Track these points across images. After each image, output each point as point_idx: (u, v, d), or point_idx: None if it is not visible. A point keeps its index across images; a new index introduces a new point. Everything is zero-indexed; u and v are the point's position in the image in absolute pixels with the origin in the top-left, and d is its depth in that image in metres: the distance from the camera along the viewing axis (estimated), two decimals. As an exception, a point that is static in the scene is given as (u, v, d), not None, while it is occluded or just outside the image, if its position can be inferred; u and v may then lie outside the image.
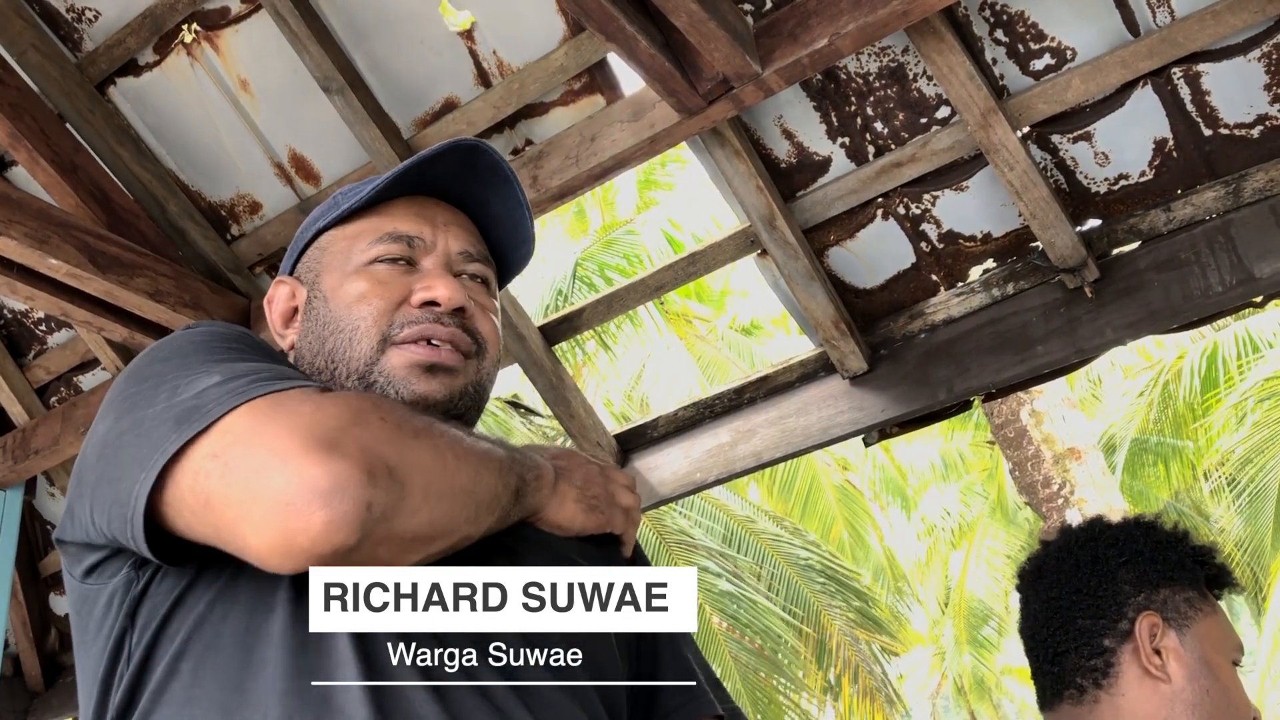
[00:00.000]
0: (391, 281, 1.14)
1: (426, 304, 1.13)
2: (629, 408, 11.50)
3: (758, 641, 10.08)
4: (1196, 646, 1.54)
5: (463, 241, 1.20)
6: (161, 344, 1.08)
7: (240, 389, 0.94)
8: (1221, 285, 2.59)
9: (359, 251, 1.17)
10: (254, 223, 3.18)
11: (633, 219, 12.44)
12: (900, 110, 2.70)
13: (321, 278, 1.18)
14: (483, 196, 1.24)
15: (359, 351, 1.11)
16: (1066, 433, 8.46)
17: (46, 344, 3.60)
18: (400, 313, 1.13)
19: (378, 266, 1.15)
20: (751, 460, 3.08)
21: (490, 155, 1.21)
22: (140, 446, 0.94)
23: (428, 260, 1.17)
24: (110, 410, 1.02)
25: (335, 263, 1.18)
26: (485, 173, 1.22)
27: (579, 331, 3.32)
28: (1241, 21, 2.38)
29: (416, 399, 1.10)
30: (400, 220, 1.18)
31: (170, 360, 1.02)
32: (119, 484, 0.94)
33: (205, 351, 1.02)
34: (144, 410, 0.97)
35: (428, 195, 1.22)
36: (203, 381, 0.96)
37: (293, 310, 1.22)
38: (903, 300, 3.00)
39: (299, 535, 0.85)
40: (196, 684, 0.92)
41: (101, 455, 0.98)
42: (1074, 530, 1.69)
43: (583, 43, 2.67)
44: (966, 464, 16.89)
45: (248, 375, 0.96)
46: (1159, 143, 2.64)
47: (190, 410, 0.93)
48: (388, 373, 1.10)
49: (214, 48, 2.92)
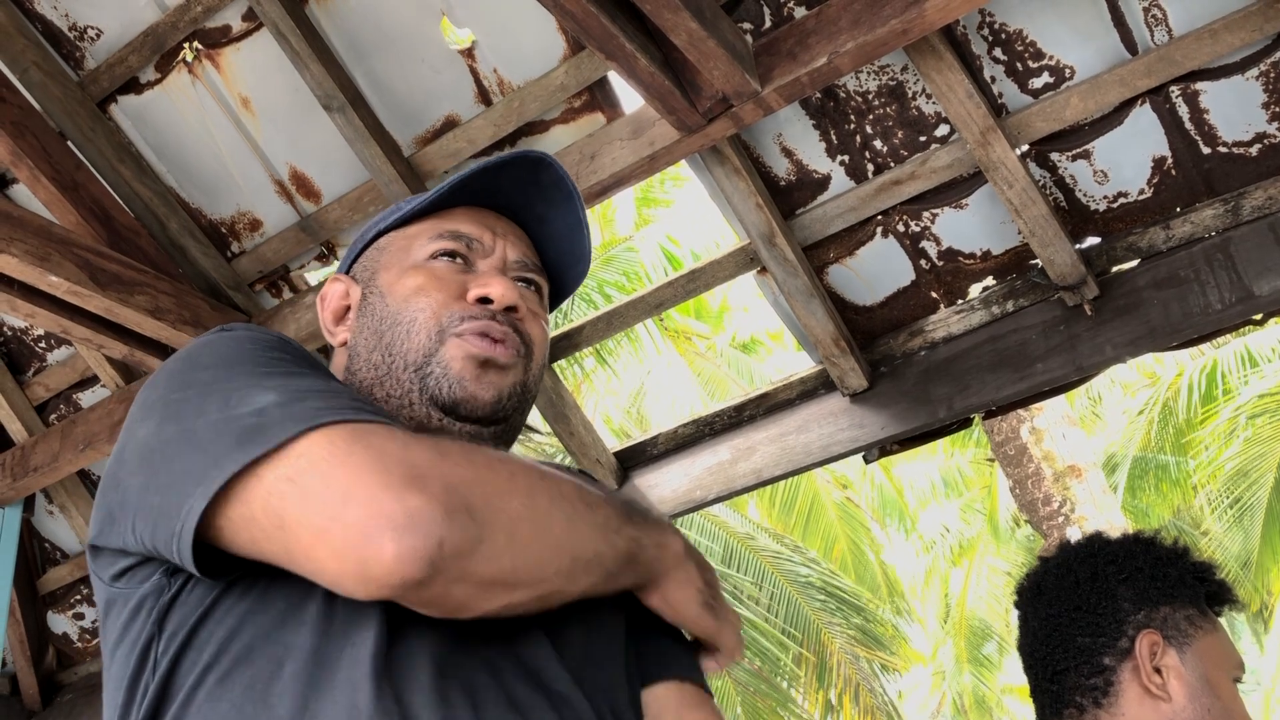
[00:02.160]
0: (448, 278, 1.16)
1: (480, 300, 1.14)
2: (629, 425, 11.49)
3: (756, 663, 10.04)
4: (1197, 665, 1.53)
5: (519, 251, 1.23)
6: (200, 347, 1.05)
7: (308, 413, 0.92)
8: (1221, 303, 2.60)
9: (418, 248, 1.19)
10: (254, 240, 3.18)
11: (632, 236, 12.46)
12: (899, 128, 2.71)
13: (378, 275, 1.20)
14: (542, 212, 1.26)
15: (416, 343, 1.13)
16: (1067, 450, 8.45)
17: (46, 361, 3.60)
18: (457, 307, 1.14)
19: (435, 263, 1.17)
20: (752, 478, 3.08)
21: (555, 169, 1.23)
22: (195, 459, 0.92)
23: (483, 263, 1.19)
24: (151, 414, 0.99)
25: (393, 260, 1.20)
26: (548, 188, 1.24)
27: (578, 348, 3.32)
28: (1239, 40, 2.39)
29: (469, 397, 1.11)
30: (460, 222, 1.21)
31: (216, 368, 1.00)
32: (168, 494, 0.92)
33: (252, 362, 1.00)
34: (193, 420, 0.94)
35: (489, 207, 1.25)
36: (260, 397, 0.94)
37: (344, 309, 1.23)
38: (902, 318, 3.00)
39: (373, 565, 0.85)
40: (223, 696, 0.91)
41: (146, 461, 0.96)
42: (1073, 547, 1.69)
43: (583, 61, 2.68)
44: (966, 481, 16.87)
45: (309, 396, 0.95)
46: (1158, 161, 2.65)
47: (253, 429, 0.91)
48: (445, 363, 1.11)
49: (215, 66, 2.93)
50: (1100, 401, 15.09)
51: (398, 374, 1.13)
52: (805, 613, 10.42)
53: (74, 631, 4.16)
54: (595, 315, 3.21)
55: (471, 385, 1.11)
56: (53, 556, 4.06)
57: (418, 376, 1.11)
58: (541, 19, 2.66)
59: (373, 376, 1.15)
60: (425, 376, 1.11)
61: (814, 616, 10.42)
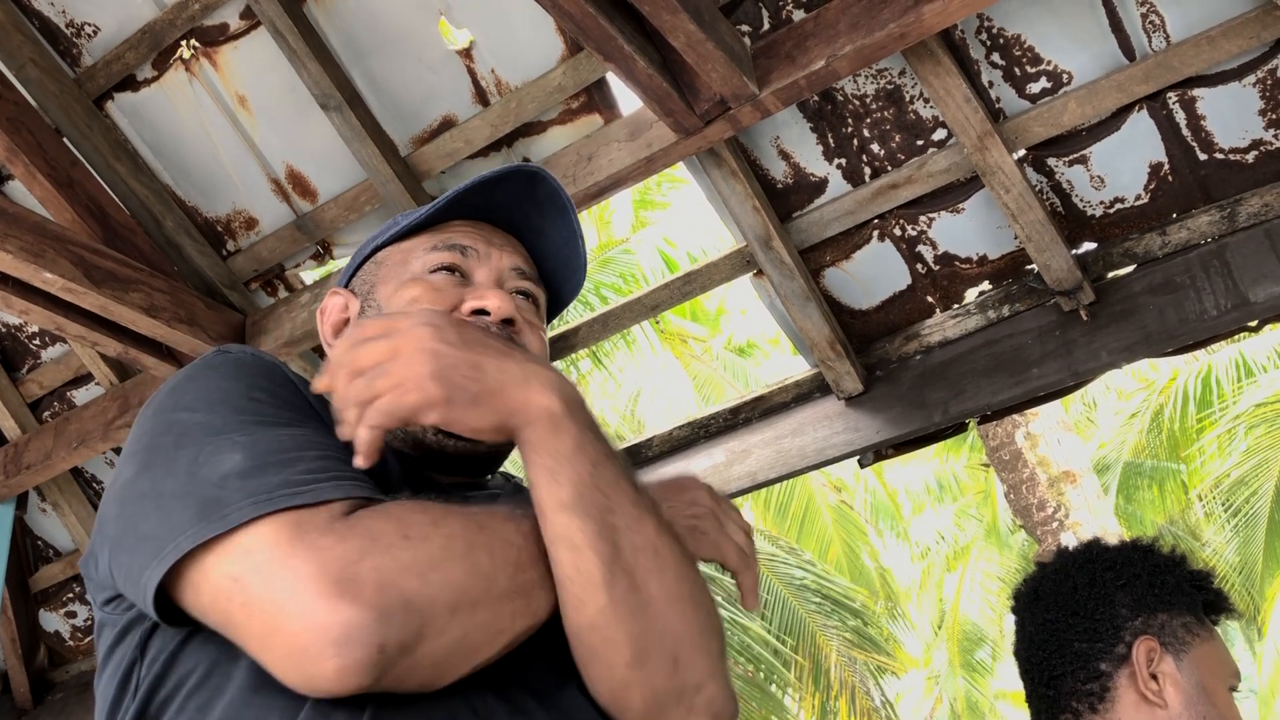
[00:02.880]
0: (445, 289, 1.17)
1: (476, 312, 1.15)
2: (624, 427, 11.49)
3: (749, 667, 10.03)
4: (1194, 672, 1.53)
5: (515, 259, 1.24)
6: (188, 382, 1.05)
7: (265, 490, 0.91)
8: (1216, 309, 2.60)
9: (415, 261, 1.20)
10: (250, 239, 3.17)
11: (629, 238, 12.46)
12: (897, 132, 2.71)
13: (376, 289, 1.21)
14: (538, 225, 1.27)
15: None
16: (1061, 456, 8.47)
17: (40, 358, 3.59)
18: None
19: (433, 276, 1.18)
20: (747, 480, 3.07)
21: (550, 184, 1.24)
22: (157, 524, 0.93)
23: (480, 273, 1.20)
24: (134, 456, 1.01)
25: (391, 274, 1.21)
26: (543, 201, 1.25)
27: (574, 350, 3.31)
28: (1236, 47, 2.39)
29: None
30: (456, 234, 1.22)
31: (196, 410, 1.00)
32: (134, 556, 0.94)
33: (232, 407, 1.00)
34: (163, 478, 0.96)
35: (485, 220, 1.25)
36: (226, 459, 0.94)
37: (344, 322, 1.24)
38: (898, 321, 3.00)
39: (317, 678, 0.85)
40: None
41: (121, 514, 0.98)
42: (1071, 553, 1.69)
43: (581, 62, 2.67)
44: (961, 486, 16.88)
45: (272, 465, 0.94)
46: (1154, 166, 2.65)
47: (211, 503, 0.91)
48: None
49: (212, 64, 2.92)
50: (1095, 407, 15.11)
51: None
52: (800, 615, 10.42)
53: (66, 630, 4.15)
54: (591, 317, 3.21)
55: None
56: (45, 554, 4.05)
57: None
58: (540, 20, 2.65)
59: None
60: None
61: (809, 619, 10.42)
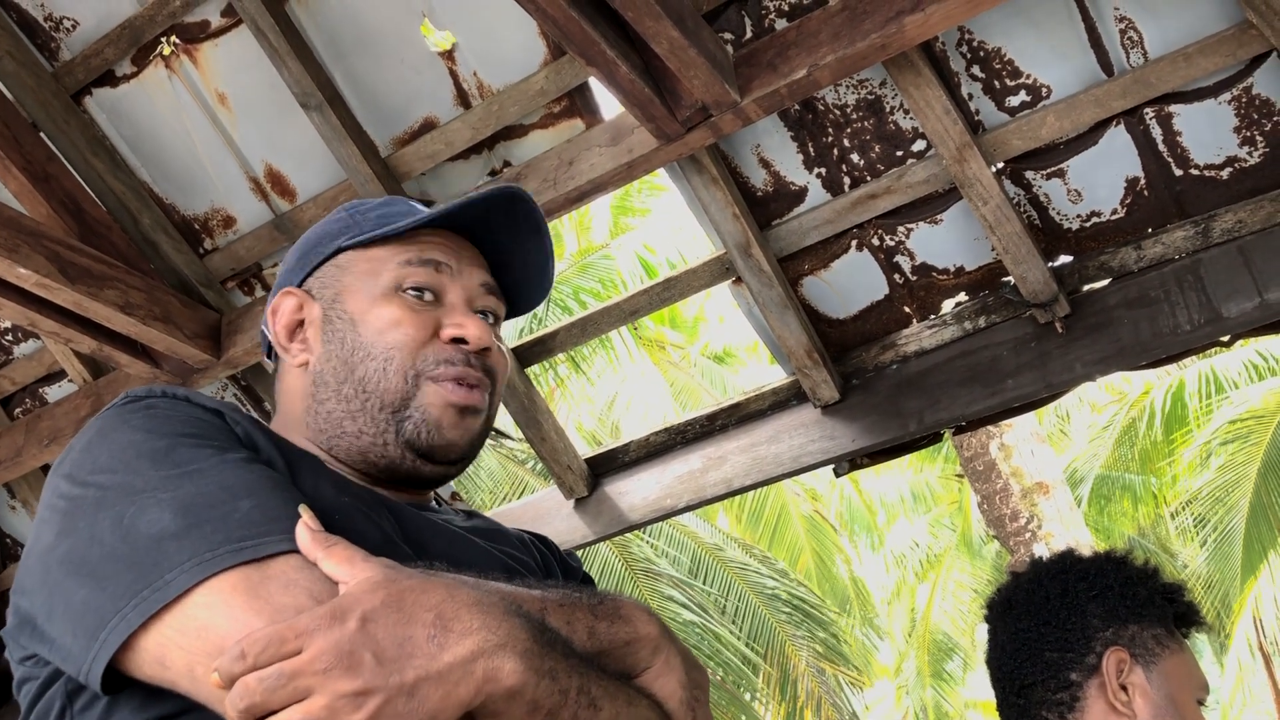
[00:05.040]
0: (423, 313, 1.16)
1: (455, 340, 1.15)
2: (601, 432, 11.48)
3: (719, 674, 10.03)
4: (1163, 684, 1.55)
5: (483, 275, 1.23)
6: (99, 437, 0.99)
7: (203, 547, 0.87)
8: (1190, 324, 2.62)
9: (387, 274, 1.17)
10: (228, 237, 3.15)
11: (608, 244, 12.46)
12: (876, 142, 2.72)
13: (344, 298, 1.18)
14: (506, 241, 1.26)
15: (393, 384, 1.13)
16: (1035, 467, 8.51)
17: (12, 354, 3.55)
18: (432, 348, 1.14)
19: (408, 295, 1.16)
20: (722, 487, 3.08)
21: (529, 204, 1.24)
22: (90, 596, 0.88)
23: (453, 293, 1.19)
24: (50, 521, 0.95)
25: (360, 285, 1.18)
26: (519, 219, 1.25)
27: (552, 354, 3.31)
28: (1213, 65, 2.42)
29: (447, 445, 1.13)
30: (426, 248, 1.20)
31: (115, 471, 0.94)
32: (69, 633, 0.89)
33: (150, 461, 0.94)
34: (87, 544, 0.90)
35: (451, 229, 1.24)
36: (154, 519, 0.89)
37: (298, 324, 1.20)
38: (875, 331, 3.01)
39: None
40: None
41: (45, 583, 0.92)
42: (1045, 563, 1.70)
43: (563, 66, 2.68)
44: (935, 496, 16.95)
45: (206, 519, 0.89)
46: (1131, 181, 2.67)
47: (149, 569, 0.86)
48: (424, 409, 1.12)
49: (192, 61, 2.91)
50: (1069, 419, 15.22)
51: (372, 412, 1.13)
52: (770, 625, 10.42)
53: (33, 629, 4.10)
54: (570, 321, 3.21)
55: (449, 432, 1.13)
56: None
57: (394, 419, 1.12)
58: (523, 23, 2.65)
59: (344, 410, 1.14)
60: (403, 420, 1.12)
61: (779, 629, 10.43)
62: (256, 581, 0.86)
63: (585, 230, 14.26)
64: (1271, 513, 10.41)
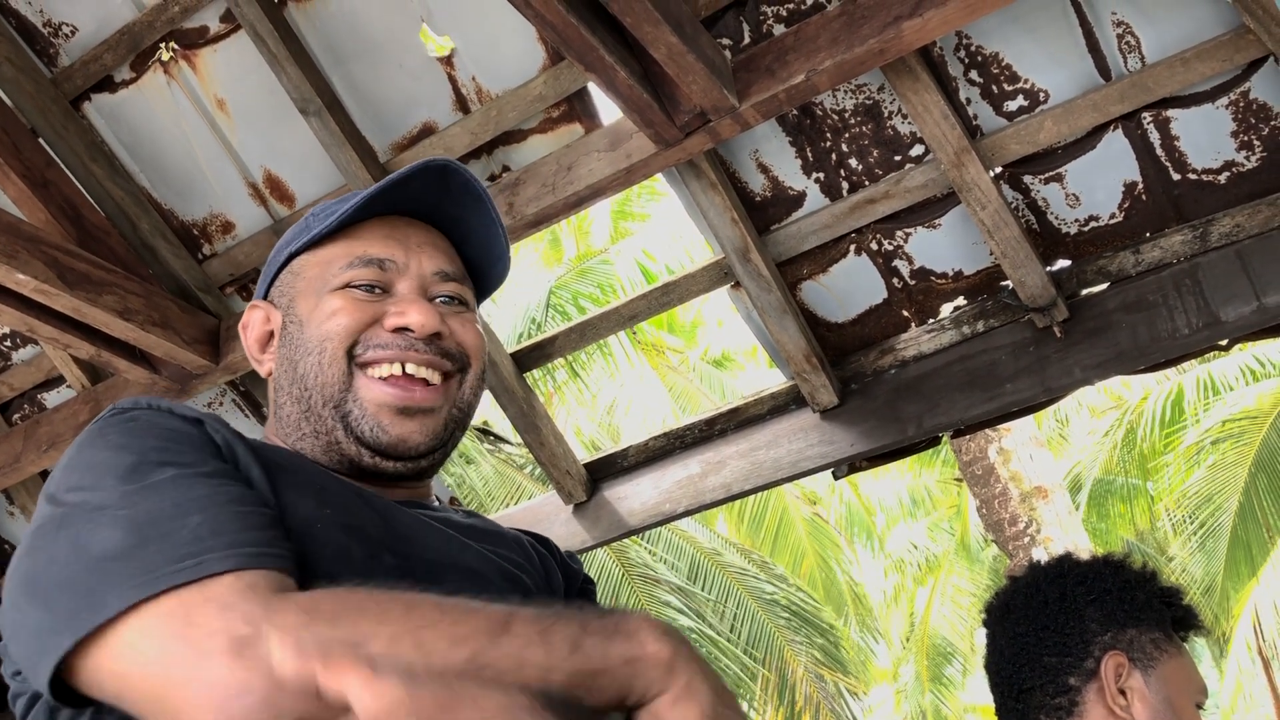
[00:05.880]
0: (365, 302, 1.13)
1: (399, 329, 1.11)
2: (599, 437, 11.48)
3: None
4: (1161, 688, 1.55)
5: (437, 261, 1.18)
6: (78, 452, 1.00)
7: (144, 571, 0.85)
8: (1188, 328, 2.62)
9: (333, 275, 1.15)
10: (226, 243, 3.16)
11: (607, 249, 12.47)
12: (875, 147, 2.72)
13: (296, 303, 1.17)
14: (456, 214, 1.22)
15: (330, 376, 1.10)
16: (1033, 471, 8.51)
17: (11, 360, 3.55)
18: (370, 333, 1.11)
19: (352, 290, 1.14)
20: (721, 492, 3.08)
21: (462, 174, 1.20)
22: (40, 618, 0.89)
23: (402, 284, 1.15)
24: (25, 539, 0.96)
25: (309, 287, 1.16)
26: (457, 191, 1.21)
27: (551, 359, 3.31)
28: (1210, 69, 2.42)
29: (397, 442, 1.09)
30: (372, 243, 1.16)
31: (81, 488, 0.95)
32: (27, 650, 0.90)
33: (116, 476, 0.94)
34: (46, 564, 0.91)
35: (401, 215, 1.20)
36: (105, 538, 0.89)
37: (268, 335, 1.20)
38: (874, 335, 3.01)
39: None
40: None
41: (10, 604, 0.94)
42: (1042, 567, 1.70)
43: (562, 72, 2.68)
44: (934, 500, 16.95)
45: (153, 536, 0.88)
46: (1129, 186, 2.68)
47: (88, 592, 0.86)
48: (362, 405, 1.09)
49: (191, 66, 2.91)
50: (1067, 423, 15.22)
51: (318, 410, 1.11)
52: (769, 630, 10.42)
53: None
54: (569, 326, 3.21)
55: (395, 429, 1.09)
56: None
57: (338, 414, 1.10)
58: (521, 29, 2.65)
59: (298, 411, 1.13)
60: (345, 415, 1.10)
61: (778, 634, 10.42)
62: (191, 605, 0.84)
63: (584, 235, 14.28)
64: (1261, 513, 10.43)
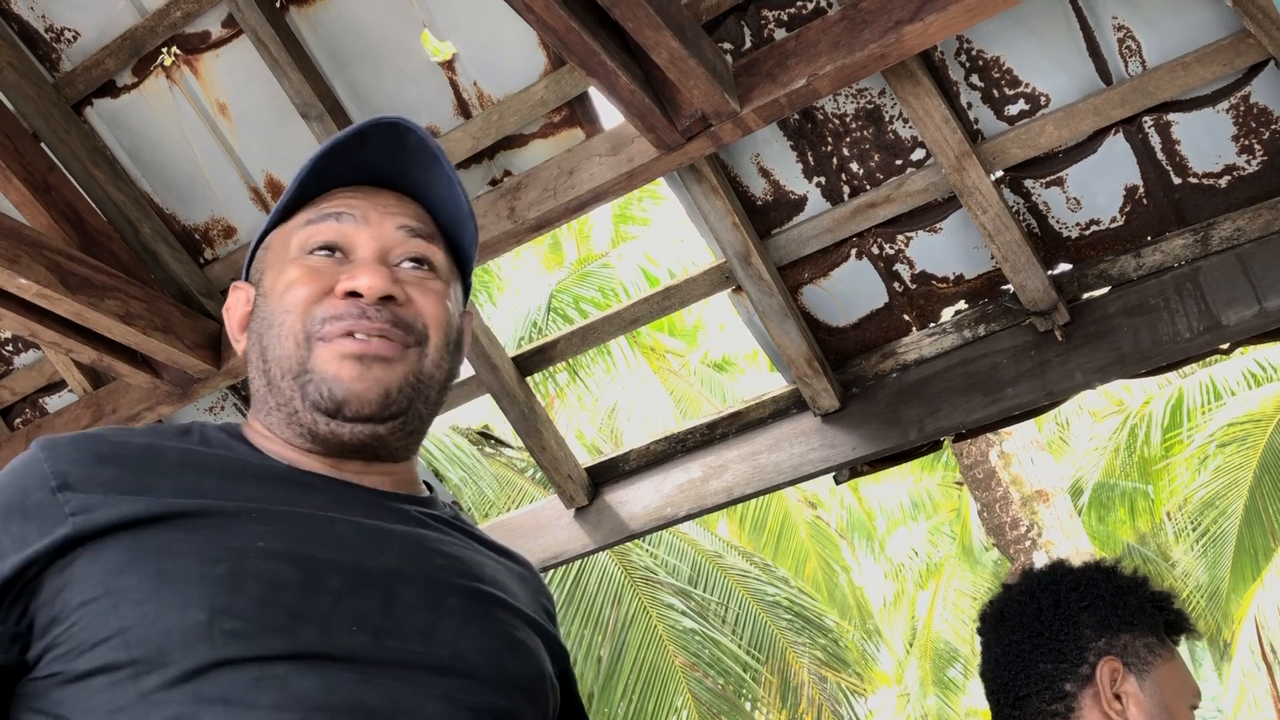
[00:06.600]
0: (322, 269, 1.11)
1: (350, 295, 1.09)
2: (601, 440, 11.48)
3: (719, 682, 10.01)
4: (1156, 692, 1.55)
5: (400, 218, 1.16)
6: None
7: None
8: (1189, 331, 2.63)
9: (295, 241, 1.14)
10: (228, 247, 3.16)
11: (608, 253, 12.47)
12: (876, 151, 2.73)
13: (265, 276, 1.16)
14: (420, 178, 1.20)
15: (287, 349, 1.09)
16: (1035, 475, 8.51)
17: (13, 365, 3.56)
18: (323, 305, 1.09)
19: (310, 257, 1.12)
20: (723, 496, 3.08)
21: (416, 132, 1.18)
22: None
23: (363, 246, 1.13)
24: None
25: (276, 259, 1.15)
26: (416, 151, 1.19)
27: (552, 363, 3.31)
28: (1211, 74, 2.43)
29: (349, 396, 1.07)
30: (334, 203, 1.15)
31: None
32: None
33: None
34: None
35: (368, 184, 1.19)
36: None
37: (249, 315, 1.18)
38: (875, 339, 3.01)
39: None
40: None
41: None
42: (1036, 574, 1.70)
43: (563, 76, 2.68)
44: (935, 504, 16.94)
45: None
46: (1130, 189, 2.68)
47: None
48: (319, 372, 1.07)
49: (193, 71, 2.91)
50: (1068, 427, 15.22)
51: (277, 382, 1.10)
52: (771, 632, 10.41)
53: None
54: (570, 330, 3.21)
55: (351, 383, 1.06)
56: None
57: (297, 385, 1.08)
58: (523, 34, 2.66)
59: (264, 385, 1.12)
60: (304, 385, 1.08)
61: (780, 636, 10.41)
62: None
63: (585, 239, 14.29)
64: (1266, 516, 10.42)
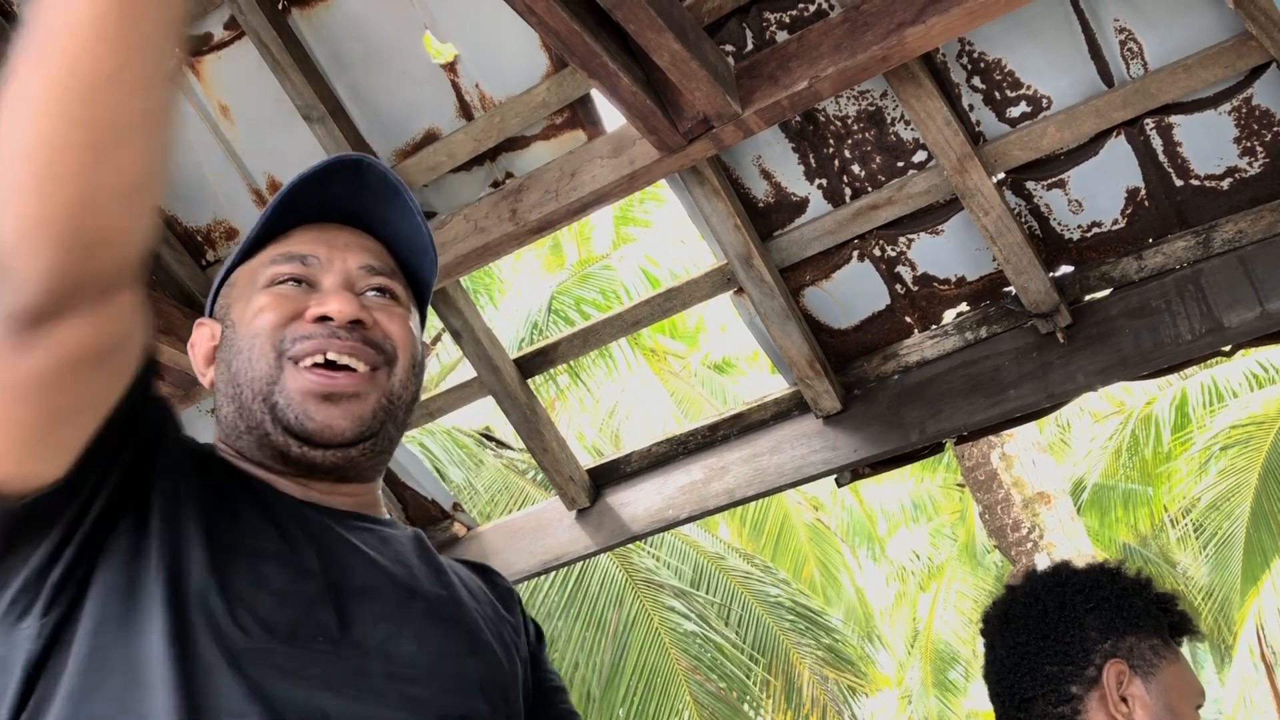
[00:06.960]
0: (291, 296, 1.16)
1: (320, 319, 1.13)
2: (602, 442, 11.48)
3: (721, 686, 10.00)
4: (1162, 694, 1.55)
5: (361, 257, 1.21)
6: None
7: None
8: (1191, 333, 2.63)
9: (261, 275, 1.18)
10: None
11: (609, 254, 12.47)
12: (878, 153, 2.73)
13: (231, 310, 1.20)
14: (382, 214, 1.24)
15: (259, 370, 1.12)
16: (1036, 477, 8.51)
17: (15, 365, 3.56)
18: (294, 327, 1.13)
19: (277, 288, 1.16)
20: (724, 497, 3.08)
21: (377, 168, 1.22)
22: None
23: (327, 279, 1.18)
24: None
25: (242, 294, 1.19)
26: (377, 187, 1.22)
27: (553, 365, 3.31)
28: (1212, 76, 2.43)
29: (322, 428, 1.11)
30: (297, 243, 1.19)
31: None
32: None
33: None
34: None
35: (331, 221, 1.23)
36: None
37: (214, 350, 1.22)
38: (877, 341, 3.01)
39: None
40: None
41: None
42: (1040, 576, 1.70)
43: (565, 78, 2.68)
44: (937, 506, 16.94)
45: None
46: (1131, 192, 2.68)
47: None
48: (288, 395, 1.11)
49: (195, 73, 2.92)
50: (1069, 429, 15.21)
51: (248, 404, 1.13)
52: (774, 633, 10.40)
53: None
54: (571, 332, 3.21)
55: (321, 415, 1.11)
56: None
57: (267, 406, 1.12)
58: (525, 36, 2.66)
59: (234, 411, 1.15)
60: (274, 407, 1.11)
61: (783, 637, 10.41)
62: None
63: (586, 241, 14.29)
64: (1273, 519, 10.41)
